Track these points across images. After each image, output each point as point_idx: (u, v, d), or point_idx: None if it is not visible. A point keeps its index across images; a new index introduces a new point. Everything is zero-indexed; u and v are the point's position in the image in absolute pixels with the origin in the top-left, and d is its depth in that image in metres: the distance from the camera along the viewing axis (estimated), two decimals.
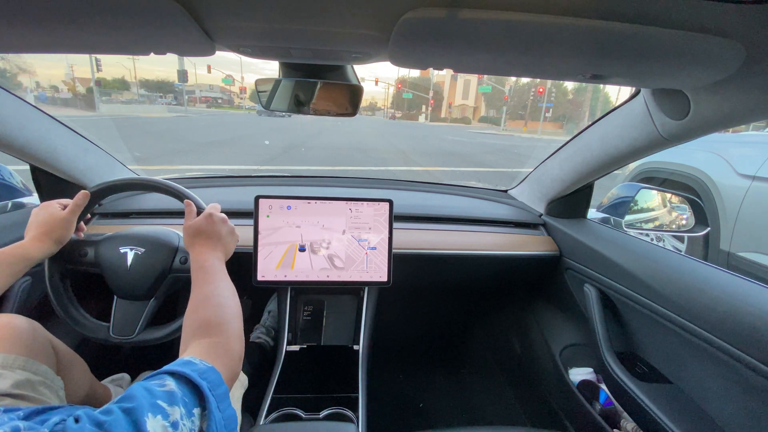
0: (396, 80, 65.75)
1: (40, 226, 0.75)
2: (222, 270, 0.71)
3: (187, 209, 0.80)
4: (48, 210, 0.77)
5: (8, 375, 0.64)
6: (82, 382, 0.88)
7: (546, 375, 1.29)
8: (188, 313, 0.60)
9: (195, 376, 0.42)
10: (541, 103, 39.92)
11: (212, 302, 0.61)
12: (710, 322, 0.72)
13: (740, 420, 0.70)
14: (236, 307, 0.64)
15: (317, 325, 1.13)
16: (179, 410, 0.37)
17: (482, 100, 70.50)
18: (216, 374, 0.45)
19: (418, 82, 78.06)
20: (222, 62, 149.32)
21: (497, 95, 61.47)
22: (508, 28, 0.47)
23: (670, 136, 0.79)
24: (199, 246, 0.73)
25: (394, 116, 75.14)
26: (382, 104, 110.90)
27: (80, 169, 1.11)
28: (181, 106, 45.15)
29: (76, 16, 0.49)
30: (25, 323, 0.76)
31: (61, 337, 0.84)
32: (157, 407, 0.36)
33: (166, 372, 0.42)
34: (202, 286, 0.65)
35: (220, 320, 0.58)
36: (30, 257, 0.71)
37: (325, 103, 0.81)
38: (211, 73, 35.40)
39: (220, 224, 0.78)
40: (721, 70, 0.54)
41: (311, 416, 0.83)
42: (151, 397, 0.37)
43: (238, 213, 1.13)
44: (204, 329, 0.56)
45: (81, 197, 0.80)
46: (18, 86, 40.78)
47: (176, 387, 0.40)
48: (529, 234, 1.28)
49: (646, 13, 0.44)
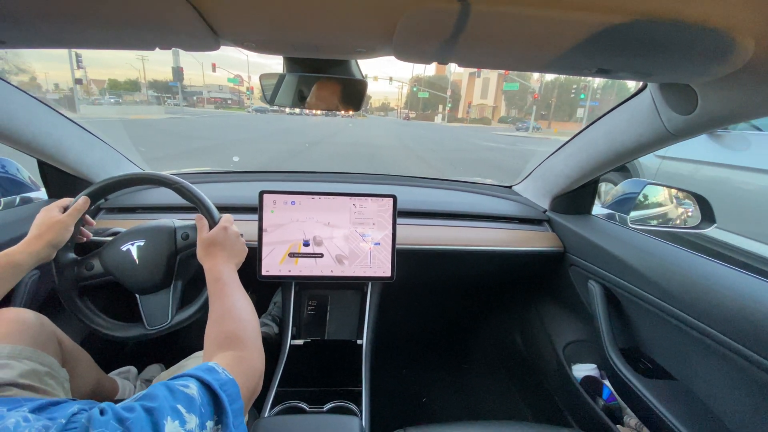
0: (410, 79, 63.54)
1: (35, 228, 0.74)
2: (237, 281, 0.72)
3: (198, 223, 0.80)
4: (47, 213, 0.76)
5: (15, 365, 0.65)
6: (87, 376, 0.90)
7: (549, 371, 1.29)
8: (210, 324, 0.61)
9: (216, 387, 0.42)
10: (584, 102, 36.42)
11: (234, 315, 0.62)
12: (716, 319, 0.72)
13: (745, 417, 0.70)
14: (256, 321, 0.65)
15: (321, 320, 1.14)
16: (195, 420, 0.38)
17: (502, 99, 67.24)
18: (235, 387, 0.46)
19: (435, 81, 74.91)
20: (231, 62, 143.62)
21: (520, 94, 58.24)
22: (514, 22, 0.47)
23: (676, 131, 0.78)
24: (213, 257, 0.74)
25: (408, 117, 72.74)
26: (395, 104, 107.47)
27: (87, 164, 1.12)
28: (189, 107, 44.34)
29: (83, 12, 0.49)
30: (33, 317, 0.77)
31: (68, 331, 0.85)
32: (177, 412, 0.37)
33: (191, 375, 0.42)
34: (222, 298, 0.66)
35: (242, 335, 0.59)
36: (17, 264, 0.69)
37: (329, 98, 0.81)
38: (216, 72, 34.89)
39: (235, 238, 0.79)
40: (730, 64, 0.54)
41: (315, 409, 0.83)
42: (172, 398, 0.38)
43: (242, 208, 1.13)
44: (228, 342, 0.57)
45: (81, 202, 0.79)
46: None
47: (197, 393, 0.40)
48: (533, 230, 1.28)
49: (653, 6, 0.43)
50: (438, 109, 70.33)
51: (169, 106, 40.50)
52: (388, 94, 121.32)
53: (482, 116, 67.70)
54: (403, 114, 78.76)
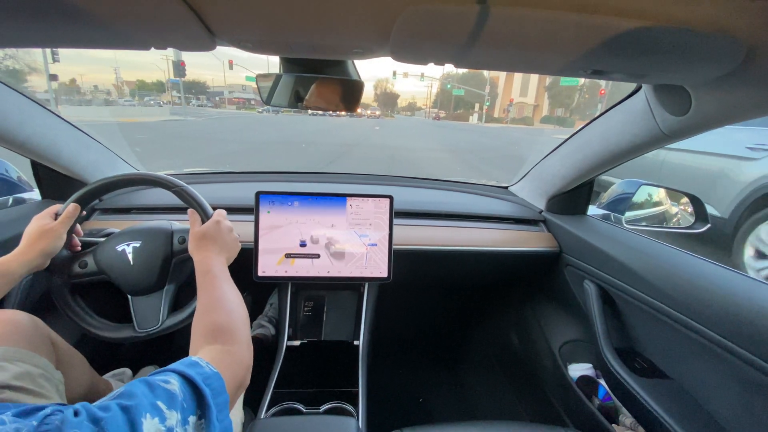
0: (441, 76, 57.21)
1: (26, 237, 0.74)
2: (227, 274, 0.71)
3: (191, 217, 0.80)
4: (38, 222, 0.76)
5: (9, 367, 0.64)
6: (82, 378, 0.89)
7: (545, 371, 1.30)
8: (197, 316, 0.60)
9: (199, 381, 0.41)
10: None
11: (222, 306, 0.61)
12: (709, 318, 0.73)
13: (738, 415, 0.71)
14: (244, 313, 0.64)
15: (318, 321, 1.13)
16: (176, 416, 0.37)
17: (545, 97, 60.75)
18: (220, 381, 0.45)
19: (469, 78, 69.10)
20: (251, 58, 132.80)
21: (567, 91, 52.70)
22: (509, 23, 0.47)
23: (671, 132, 0.79)
24: (204, 250, 0.73)
25: (438, 116, 67.93)
26: (422, 103, 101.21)
27: (81, 165, 1.11)
28: (212, 108, 41.02)
29: (77, 10, 0.48)
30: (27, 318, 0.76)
31: (62, 333, 0.84)
32: (156, 409, 0.35)
33: (173, 371, 0.41)
34: (209, 290, 0.65)
35: (230, 327, 0.57)
36: (10, 272, 0.68)
37: (326, 99, 0.81)
38: (232, 69, 33.20)
39: (227, 232, 0.79)
40: (723, 65, 0.54)
41: (312, 410, 0.83)
42: (152, 395, 0.37)
43: (239, 209, 1.13)
44: (214, 334, 0.55)
45: (71, 209, 0.78)
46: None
47: (179, 389, 0.39)
48: (529, 230, 1.29)
49: (647, 8, 0.44)
50: (474, 108, 64.74)
51: (168, 107, 39.98)
52: (415, 93, 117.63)
53: (522, 116, 61.75)
54: (432, 113, 74.51)
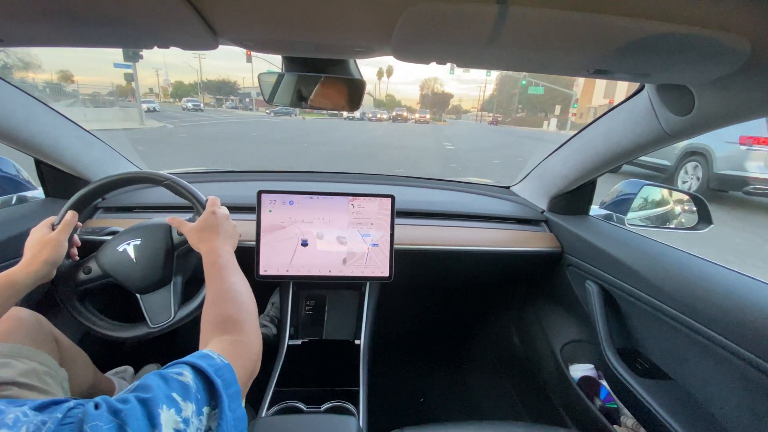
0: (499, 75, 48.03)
1: (29, 249, 0.74)
2: (235, 264, 0.71)
3: (174, 220, 0.81)
4: (37, 233, 0.76)
5: (15, 364, 0.65)
6: (84, 375, 0.89)
7: (547, 371, 1.29)
8: (207, 307, 0.60)
9: (211, 372, 0.42)
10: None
11: (231, 297, 0.61)
12: (712, 319, 0.72)
13: (740, 417, 0.70)
14: (253, 303, 0.64)
15: (319, 320, 1.13)
16: (191, 407, 0.38)
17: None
18: (231, 372, 0.45)
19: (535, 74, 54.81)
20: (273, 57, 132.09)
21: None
22: (513, 22, 0.47)
23: (673, 132, 0.79)
24: (208, 242, 0.73)
25: (496, 120, 60.78)
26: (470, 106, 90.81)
27: (84, 164, 1.12)
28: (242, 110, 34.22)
29: (81, 9, 0.49)
30: (31, 316, 0.77)
31: (64, 330, 0.85)
32: (172, 400, 0.36)
33: (185, 363, 0.42)
34: (218, 281, 0.65)
35: (239, 317, 0.58)
36: (16, 283, 0.68)
37: (327, 98, 0.81)
38: (250, 63, 31.43)
39: (225, 220, 0.79)
40: (726, 65, 0.54)
41: (312, 409, 0.83)
42: (167, 387, 0.37)
43: (240, 208, 1.13)
44: (223, 325, 0.56)
45: (69, 217, 0.78)
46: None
47: (192, 380, 0.40)
48: (531, 230, 1.28)
49: (651, 7, 0.44)
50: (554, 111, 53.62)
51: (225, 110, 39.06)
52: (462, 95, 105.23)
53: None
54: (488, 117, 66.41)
